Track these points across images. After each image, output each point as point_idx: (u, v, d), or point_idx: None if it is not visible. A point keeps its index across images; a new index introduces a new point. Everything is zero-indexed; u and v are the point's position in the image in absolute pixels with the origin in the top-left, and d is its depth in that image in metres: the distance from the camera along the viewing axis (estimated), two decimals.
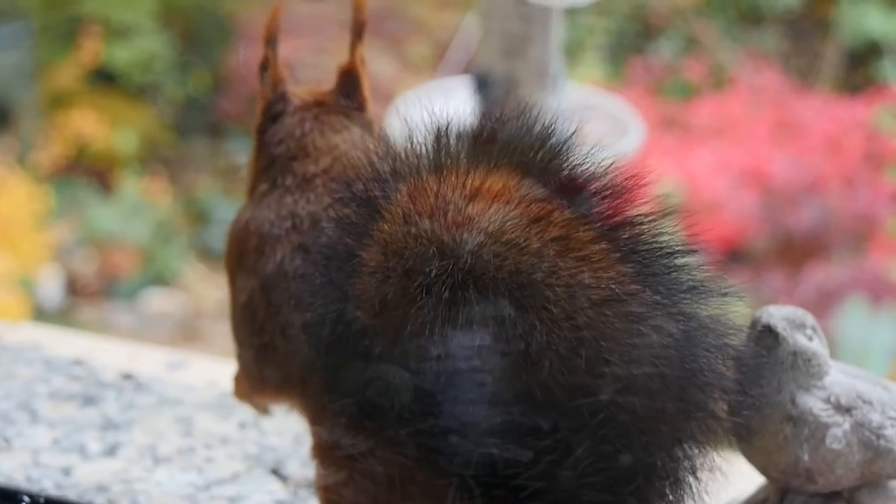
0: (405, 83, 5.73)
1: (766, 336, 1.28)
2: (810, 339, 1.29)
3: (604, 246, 1.13)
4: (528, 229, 1.11)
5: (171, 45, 6.88)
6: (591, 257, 1.12)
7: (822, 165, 5.09)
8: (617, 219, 1.15)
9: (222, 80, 6.80)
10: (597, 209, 1.15)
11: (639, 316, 1.11)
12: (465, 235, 1.11)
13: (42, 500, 0.99)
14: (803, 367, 1.28)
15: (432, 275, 1.10)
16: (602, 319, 1.10)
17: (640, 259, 1.14)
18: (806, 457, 1.27)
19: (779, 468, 1.29)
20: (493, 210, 1.12)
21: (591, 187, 1.16)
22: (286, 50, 1.42)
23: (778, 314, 1.29)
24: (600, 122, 2.95)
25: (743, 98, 5.46)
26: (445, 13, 6.47)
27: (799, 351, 1.28)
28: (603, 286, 1.11)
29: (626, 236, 1.15)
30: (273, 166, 1.34)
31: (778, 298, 4.46)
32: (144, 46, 6.72)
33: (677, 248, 1.17)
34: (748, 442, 1.29)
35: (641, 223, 1.16)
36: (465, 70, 5.72)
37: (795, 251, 4.93)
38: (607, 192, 1.16)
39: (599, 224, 1.15)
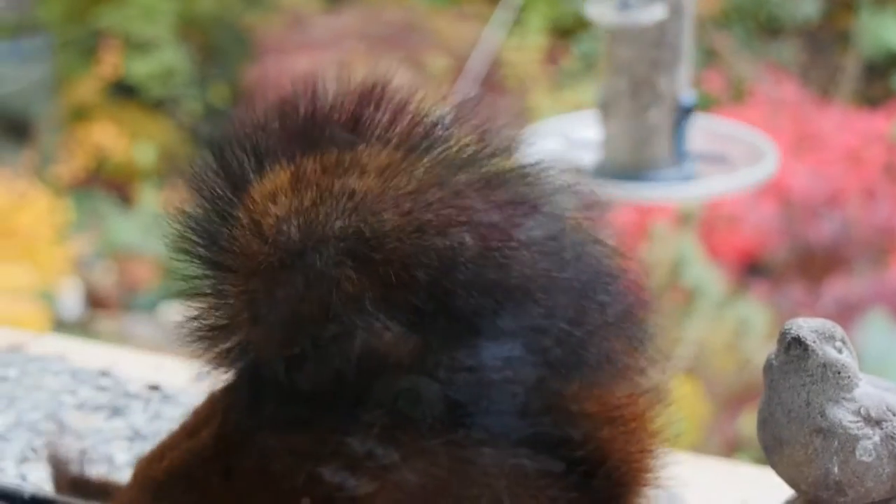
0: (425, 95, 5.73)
1: (794, 348, 1.27)
2: (840, 351, 1.29)
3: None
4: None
5: (189, 59, 6.91)
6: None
7: (843, 178, 5.08)
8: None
9: (241, 93, 6.82)
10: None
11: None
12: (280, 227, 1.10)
13: None
14: (833, 380, 1.27)
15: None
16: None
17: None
18: (836, 469, 1.26)
19: (808, 481, 1.28)
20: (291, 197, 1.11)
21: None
22: (307, 63, 1.41)
23: (807, 326, 1.28)
24: (737, 148, 3.07)
25: (762, 110, 5.46)
26: (464, 26, 6.48)
27: (828, 363, 1.27)
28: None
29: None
30: None
31: (798, 312, 4.45)
32: (164, 60, 6.75)
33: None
34: (777, 454, 1.29)
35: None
36: (483, 82, 5.72)
37: (816, 264, 4.93)
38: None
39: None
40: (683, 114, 3.02)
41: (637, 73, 2.97)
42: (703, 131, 3.17)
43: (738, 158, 3.07)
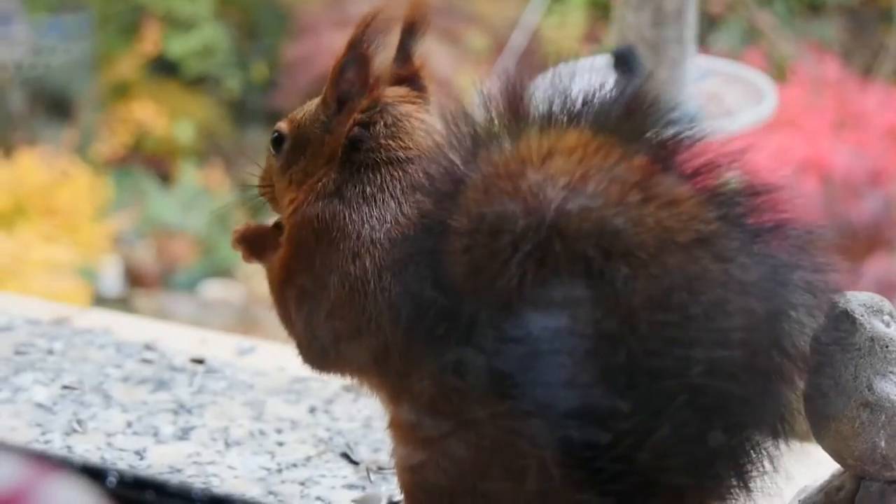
0: (465, 74, 5.73)
1: (843, 321, 1.27)
2: (888, 325, 1.28)
3: (685, 189, 1.13)
4: (608, 178, 1.12)
5: (229, 36, 6.91)
6: (675, 201, 1.12)
7: (885, 157, 5.05)
8: (696, 162, 1.16)
9: (280, 70, 6.82)
10: (675, 155, 1.16)
11: (728, 256, 1.11)
12: (549, 191, 1.11)
13: (129, 477, 1.00)
14: (881, 353, 1.27)
15: (518, 232, 1.11)
16: (692, 261, 1.10)
17: (722, 201, 1.14)
18: (883, 443, 1.26)
19: (854, 455, 1.28)
20: (571, 164, 1.13)
21: (668, 136, 1.17)
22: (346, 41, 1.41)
23: (855, 300, 1.28)
24: (736, 88, 3.08)
25: (804, 89, 5.43)
26: (503, 6, 6.46)
27: (876, 337, 1.26)
28: (690, 228, 1.11)
29: (706, 179, 1.15)
30: (363, 168, 1.32)
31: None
32: (203, 37, 6.76)
33: (759, 188, 1.16)
34: (823, 428, 1.28)
35: (720, 166, 1.16)
36: (521, 56, 5.71)
37: (856, 243, 4.90)
38: (684, 140, 1.16)
39: (679, 168, 1.15)
40: (620, 61, 3.02)
41: (686, 21, 2.96)
42: (705, 72, 3.17)
43: (739, 99, 3.06)
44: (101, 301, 5.89)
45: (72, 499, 0.77)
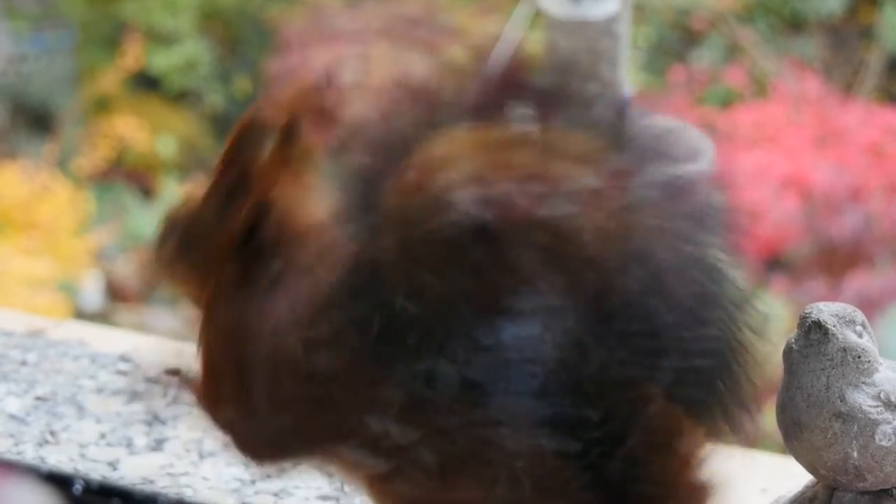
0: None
1: (814, 332, 1.27)
2: (860, 335, 1.28)
3: (617, 186, 1.06)
4: (533, 182, 1.04)
5: (211, 51, 6.91)
6: (606, 199, 1.06)
7: (865, 173, 5.07)
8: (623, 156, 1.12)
9: (263, 85, 6.82)
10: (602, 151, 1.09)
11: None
12: (467, 206, 1.03)
13: (95, 484, 0.99)
14: (853, 364, 1.27)
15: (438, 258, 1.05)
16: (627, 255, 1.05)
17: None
18: (855, 454, 1.26)
19: (827, 465, 1.28)
20: (482, 168, 1.07)
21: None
22: (329, 56, 1.37)
23: (827, 310, 1.28)
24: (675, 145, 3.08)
25: (785, 106, 5.45)
26: (486, 20, 6.48)
27: (848, 347, 1.26)
28: (624, 225, 1.05)
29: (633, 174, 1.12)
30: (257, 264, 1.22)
31: None
32: (185, 52, 6.76)
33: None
34: (795, 439, 1.29)
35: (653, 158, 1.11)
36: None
37: (837, 259, 4.92)
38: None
39: (607, 165, 1.08)
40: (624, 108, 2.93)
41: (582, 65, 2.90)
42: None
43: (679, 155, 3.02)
44: (81, 316, 5.88)
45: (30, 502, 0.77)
